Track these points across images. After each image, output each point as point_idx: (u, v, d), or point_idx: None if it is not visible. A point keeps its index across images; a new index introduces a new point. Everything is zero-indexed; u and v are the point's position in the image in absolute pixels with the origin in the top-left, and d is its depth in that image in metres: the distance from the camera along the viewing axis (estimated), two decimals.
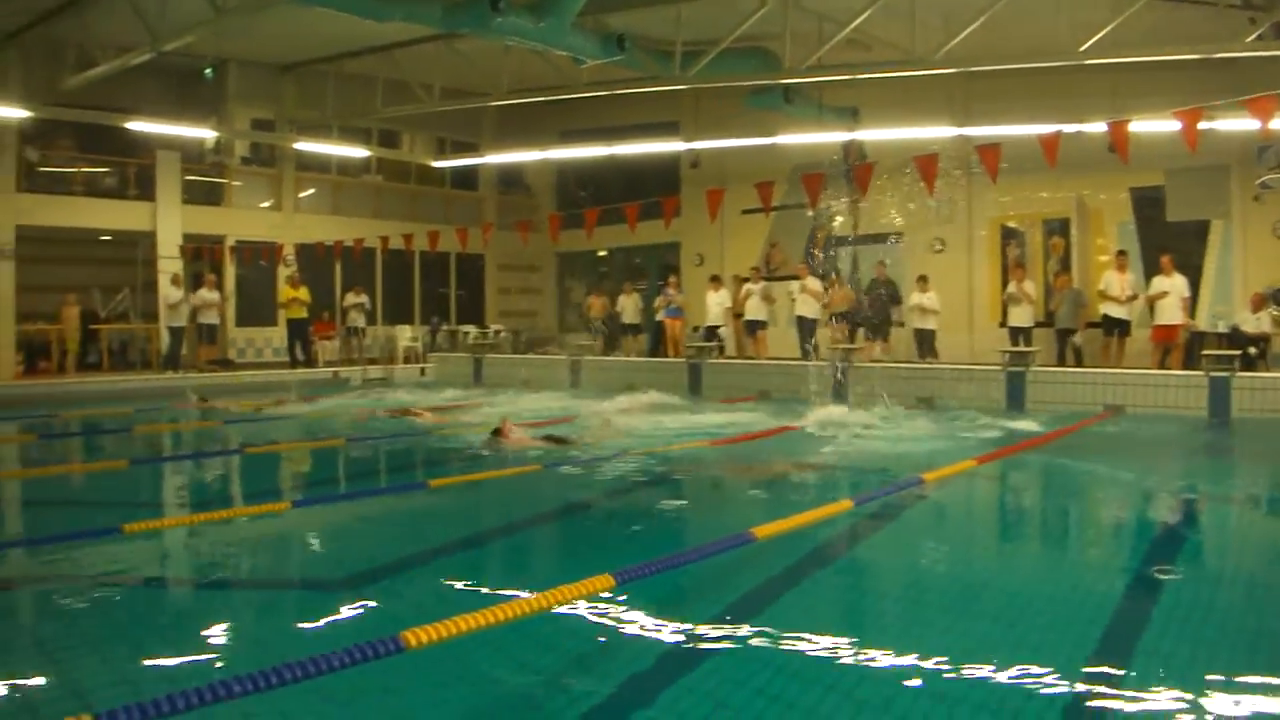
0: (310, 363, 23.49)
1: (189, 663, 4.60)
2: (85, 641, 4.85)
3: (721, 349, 21.06)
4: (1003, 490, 9.80)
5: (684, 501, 8.76)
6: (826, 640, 4.71)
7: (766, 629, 4.89)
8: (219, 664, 4.57)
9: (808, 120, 21.33)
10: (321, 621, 5.23)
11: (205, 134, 23.39)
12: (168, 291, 21.87)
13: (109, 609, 5.46)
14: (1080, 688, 4.15)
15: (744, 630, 4.87)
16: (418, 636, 3.92)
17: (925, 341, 19.80)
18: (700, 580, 5.81)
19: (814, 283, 20.86)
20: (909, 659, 4.41)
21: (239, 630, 5.31)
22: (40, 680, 4.34)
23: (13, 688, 4.23)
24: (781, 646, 4.63)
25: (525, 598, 4.46)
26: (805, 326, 20.87)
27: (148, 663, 4.57)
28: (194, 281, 22.64)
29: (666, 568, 5.51)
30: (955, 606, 5.43)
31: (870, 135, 21.63)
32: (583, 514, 8.66)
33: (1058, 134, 13.73)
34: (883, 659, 4.45)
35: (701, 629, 4.92)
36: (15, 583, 6.02)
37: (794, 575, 6.12)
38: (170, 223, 23.07)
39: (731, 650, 4.63)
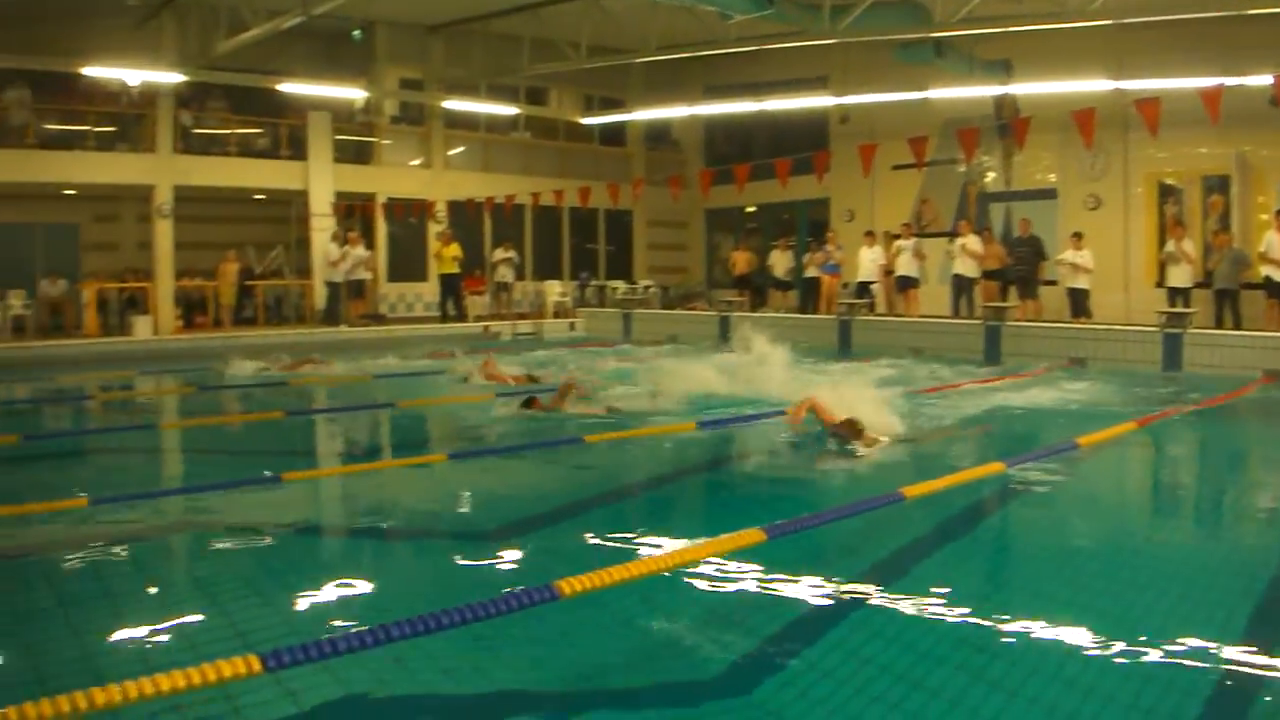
0: (461, 317, 23.82)
1: (345, 607, 4.75)
2: (246, 584, 5.05)
3: (872, 306, 20.77)
4: (1159, 456, 9.51)
5: (830, 459, 8.65)
6: (974, 601, 4.67)
7: (914, 588, 4.86)
8: (375, 608, 4.70)
9: (958, 74, 20.78)
10: (474, 569, 5.35)
11: (355, 94, 23.80)
12: (328, 248, 22.46)
13: (269, 554, 5.67)
14: (1234, 659, 4.04)
15: (892, 588, 4.85)
16: (571, 585, 3.97)
17: (1078, 301, 19.21)
18: (849, 537, 5.79)
19: (974, 241, 20.22)
20: (1056, 623, 4.33)
21: (394, 576, 5.46)
22: (203, 620, 4.54)
23: (177, 627, 4.42)
24: (928, 605, 4.59)
25: (676, 549, 4.47)
26: (962, 285, 20.42)
27: (305, 606, 4.72)
28: (343, 239, 23.10)
29: (817, 524, 5.49)
30: (1105, 573, 5.31)
31: (1023, 89, 21.03)
32: (731, 470, 8.71)
33: (1219, 88, 13.15)
34: (1030, 622, 4.38)
35: (849, 585, 4.91)
36: (180, 528, 6.25)
37: (942, 536, 6.06)
38: (322, 181, 23.64)
39: (878, 607, 4.62)
